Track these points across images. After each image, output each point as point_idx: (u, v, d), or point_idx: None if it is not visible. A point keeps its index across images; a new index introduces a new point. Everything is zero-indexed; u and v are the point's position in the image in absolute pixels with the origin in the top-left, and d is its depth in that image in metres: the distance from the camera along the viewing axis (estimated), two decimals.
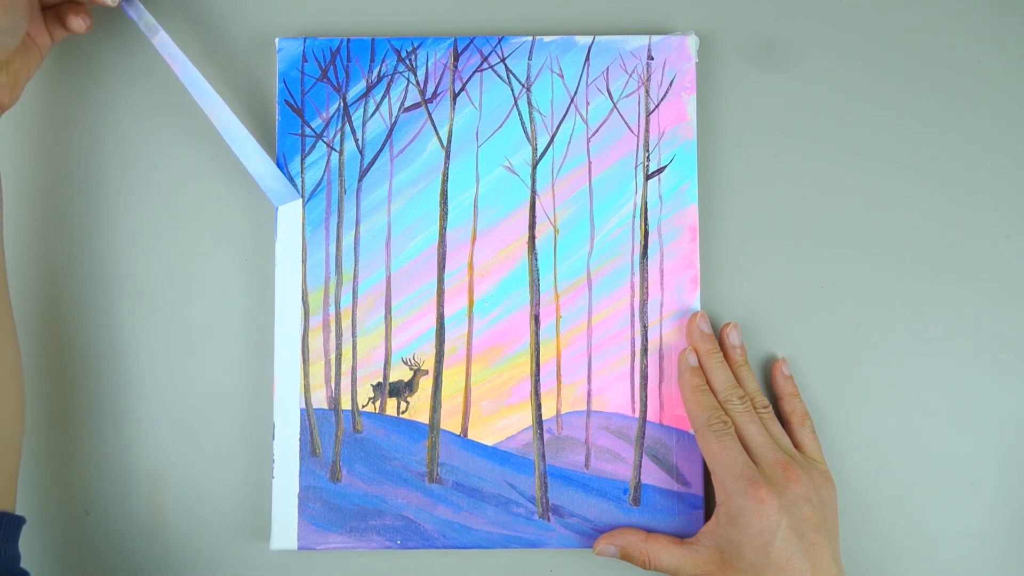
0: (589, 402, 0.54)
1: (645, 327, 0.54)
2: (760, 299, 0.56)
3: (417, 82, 0.55)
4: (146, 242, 0.55)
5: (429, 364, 0.54)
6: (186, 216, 0.56)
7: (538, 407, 0.54)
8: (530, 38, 0.55)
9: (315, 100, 0.55)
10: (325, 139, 0.55)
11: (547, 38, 0.55)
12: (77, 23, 0.51)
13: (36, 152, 0.56)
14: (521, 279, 0.54)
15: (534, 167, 0.55)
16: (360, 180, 0.55)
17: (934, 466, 0.55)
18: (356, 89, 0.55)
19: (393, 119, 0.55)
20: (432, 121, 0.55)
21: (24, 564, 0.47)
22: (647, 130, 0.55)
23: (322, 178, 0.55)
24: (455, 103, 0.55)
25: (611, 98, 0.55)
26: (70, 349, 0.54)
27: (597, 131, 0.55)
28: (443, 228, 0.55)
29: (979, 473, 0.55)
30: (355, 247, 0.54)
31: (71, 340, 0.54)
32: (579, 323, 0.54)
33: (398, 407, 0.54)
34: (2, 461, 0.49)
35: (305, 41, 0.55)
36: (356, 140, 0.55)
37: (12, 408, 0.50)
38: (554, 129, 0.55)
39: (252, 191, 0.56)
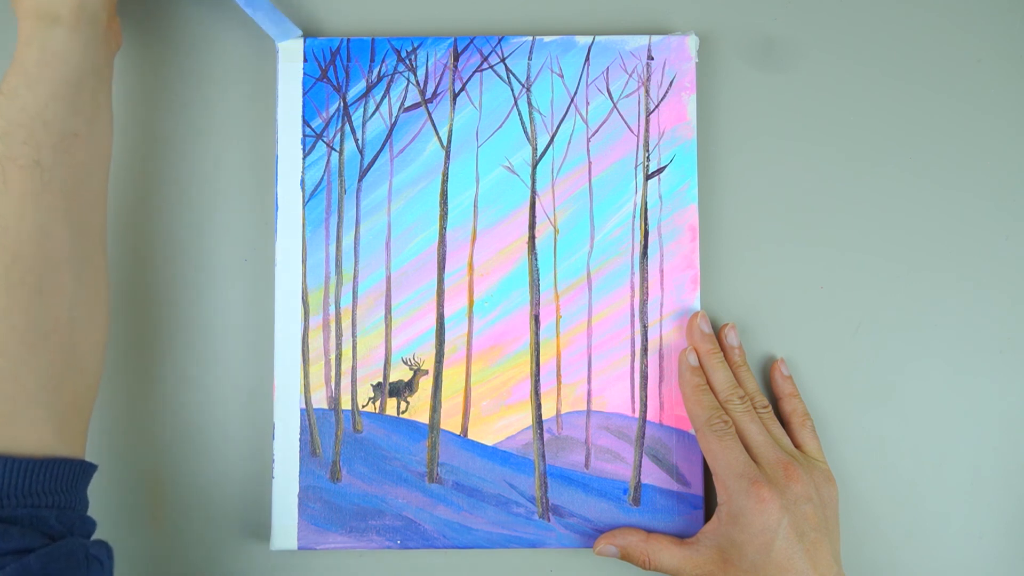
0: (589, 402, 0.54)
1: (645, 327, 0.54)
2: (760, 299, 0.56)
3: (417, 82, 0.55)
4: (146, 242, 0.55)
5: (429, 364, 0.54)
6: (186, 215, 0.56)
7: (538, 407, 0.54)
8: (530, 38, 0.55)
9: (315, 100, 0.55)
10: (325, 139, 0.55)
11: (547, 38, 0.55)
12: None
13: None
14: (521, 279, 0.54)
15: (534, 167, 0.55)
16: (360, 180, 0.55)
17: (934, 466, 0.55)
18: (356, 89, 0.55)
19: (393, 119, 0.55)
20: (432, 121, 0.55)
21: None
22: (647, 130, 0.55)
23: (322, 178, 0.55)
24: (455, 103, 0.55)
25: (611, 98, 0.55)
26: None
27: (597, 131, 0.55)
28: (443, 228, 0.55)
29: (979, 473, 0.55)
30: (355, 247, 0.54)
31: None
32: (579, 323, 0.54)
33: (398, 407, 0.54)
34: (81, 400, 0.47)
35: (305, 41, 0.55)
36: (356, 140, 0.55)
37: (97, 345, 0.49)
38: (554, 129, 0.55)
39: (251, 191, 0.56)
